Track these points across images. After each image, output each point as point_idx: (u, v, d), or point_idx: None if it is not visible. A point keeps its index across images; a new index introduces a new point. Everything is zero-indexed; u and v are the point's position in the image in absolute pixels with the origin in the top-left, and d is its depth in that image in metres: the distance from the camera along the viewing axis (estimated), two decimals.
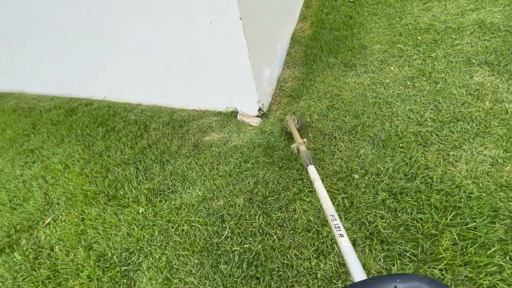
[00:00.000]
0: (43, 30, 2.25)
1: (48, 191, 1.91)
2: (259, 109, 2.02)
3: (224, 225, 1.48)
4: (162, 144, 2.05)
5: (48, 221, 1.72)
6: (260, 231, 1.42)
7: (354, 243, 1.30)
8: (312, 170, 1.20)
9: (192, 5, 1.52)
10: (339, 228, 0.86)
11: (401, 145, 1.67)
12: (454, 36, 2.22)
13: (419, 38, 2.33)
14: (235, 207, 1.55)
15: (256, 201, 1.56)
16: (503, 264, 1.11)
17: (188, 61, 1.94)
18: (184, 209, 1.60)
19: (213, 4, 1.42)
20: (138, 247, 1.48)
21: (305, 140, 1.52)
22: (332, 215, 0.92)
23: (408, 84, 2.01)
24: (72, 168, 2.03)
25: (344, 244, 0.80)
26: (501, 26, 2.12)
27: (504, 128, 1.60)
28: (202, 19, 1.54)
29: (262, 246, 1.36)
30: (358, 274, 0.69)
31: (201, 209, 1.58)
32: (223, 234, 1.44)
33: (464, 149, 1.57)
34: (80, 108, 2.65)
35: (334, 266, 1.24)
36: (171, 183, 1.77)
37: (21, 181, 2.07)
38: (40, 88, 3.03)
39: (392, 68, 2.18)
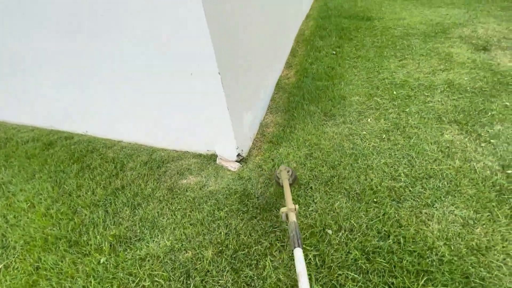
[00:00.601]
0: (26, 60, 2.30)
1: (7, 232, 1.80)
2: (238, 155, 2.04)
3: (188, 282, 1.40)
4: (136, 185, 2.01)
5: None
6: None
7: None
8: (299, 256, 0.95)
9: (174, 58, 1.60)
10: None
11: (375, 199, 1.68)
12: (426, 94, 2.37)
13: (394, 92, 2.48)
14: (203, 261, 1.48)
15: (225, 255, 1.49)
16: None
17: (169, 103, 1.99)
18: (148, 260, 1.52)
19: (194, 60, 1.50)
20: None
21: (296, 207, 1.29)
22: None
23: (383, 137, 2.09)
24: (38, 207, 1.94)
25: None
26: (468, 88, 2.29)
27: (473, 188, 1.64)
28: (183, 70, 1.62)
29: None
30: None
31: (167, 261, 1.50)
32: None
33: (436, 207, 1.59)
34: (59, 142, 2.61)
35: None
36: (139, 230, 1.69)
37: None
38: (21, 118, 3.01)
39: (369, 120, 2.28)
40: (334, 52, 3.29)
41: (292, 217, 1.23)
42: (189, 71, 1.58)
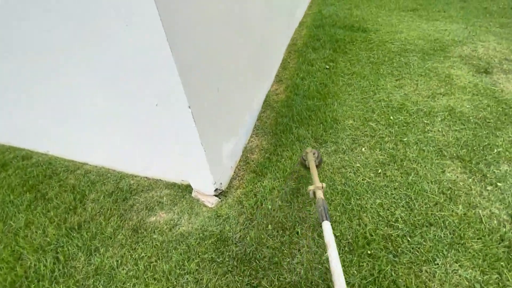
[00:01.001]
0: None
1: None
2: (216, 189, 1.80)
3: None
4: (96, 223, 1.75)
5: None
6: None
7: None
8: (327, 229, 1.02)
9: (134, 83, 1.35)
10: None
11: (369, 252, 1.48)
12: (425, 121, 2.19)
13: (391, 118, 2.29)
14: None
15: None
16: None
17: (136, 131, 1.73)
18: None
19: (158, 89, 1.25)
20: None
21: (323, 185, 1.35)
22: None
23: (379, 171, 1.89)
24: None
25: None
26: (471, 118, 2.12)
27: (479, 242, 1.45)
28: (145, 98, 1.36)
29: None
30: None
31: None
32: None
33: (437, 264, 1.40)
34: (14, 163, 2.31)
35: None
36: (92, 286, 1.43)
37: None
38: None
39: (363, 149, 2.08)
40: (328, 67, 3.09)
41: (320, 194, 1.29)
42: (154, 101, 1.33)
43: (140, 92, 1.36)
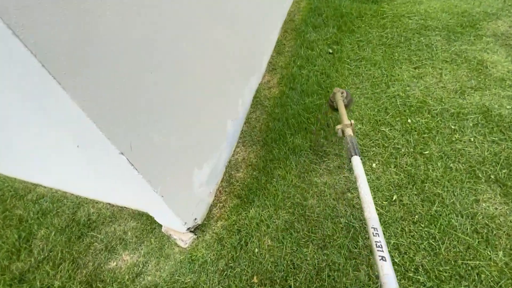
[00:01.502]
0: None
1: None
2: (189, 228, 1.44)
3: None
4: (42, 273, 1.43)
5: None
6: None
7: None
8: (357, 162, 1.06)
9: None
10: (381, 248, 0.69)
11: None
12: (452, 126, 1.76)
13: (409, 121, 1.86)
14: None
15: None
16: None
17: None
18: None
19: (77, 135, 0.84)
20: None
21: (352, 122, 1.32)
22: (374, 228, 0.76)
23: (393, 198, 1.52)
24: None
25: (385, 271, 0.63)
26: None
27: None
28: (65, 137, 0.95)
29: None
30: None
31: None
32: None
33: None
34: None
35: None
36: None
37: None
38: None
39: (374, 165, 1.69)
40: (331, 51, 2.57)
41: (348, 132, 1.28)
42: (75, 142, 0.92)
43: (56, 126, 0.94)
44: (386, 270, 0.64)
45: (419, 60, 2.28)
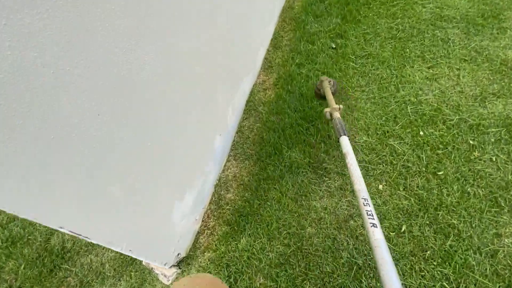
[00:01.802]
0: None
1: None
2: (171, 266, 1.29)
3: None
4: None
5: None
6: None
7: None
8: (345, 142, 1.13)
9: None
10: (372, 216, 0.74)
11: None
12: (471, 141, 1.56)
13: (421, 133, 1.65)
14: None
15: None
16: None
17: None
18: None
19: None
20: None
21: (340, 106, 1.38)
22: (364, 199, 0.81)
23: (402, 229, 1.35)
24: None
25: (376, 236, 0.69)
26: None
27: None
28: None
29: None
30: (394, 285, 0.57)
31: None
32: None
33: None
34: None
35: None
36: None
37: None
38: None
39: (380, 186, 1.50)
40: (334, 46, 2.30)
41: (336, 115, 1.33)
42: None
43: None
44: (377, 235, 0.69)
45: (434, 58, 2.03)
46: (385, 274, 0.59)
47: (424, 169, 1.52)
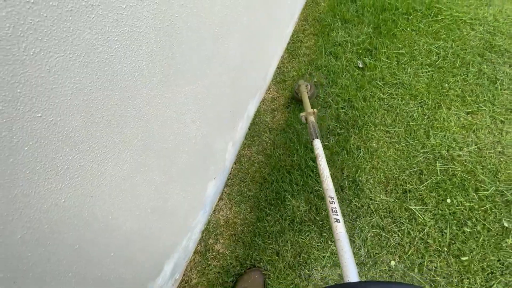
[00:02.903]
0: None
1: None
2: None
3: None
4: None
5: None
6: None
7: None
8: (317, 145, 1.20)
9: None
10: (336, 212, 0.83)
11: None
12: (505, 223, 1.36)
13: (448, 201, 1.44)
14: None
15: None
16: None
17: None
18: None
19: None
20: None
21: (315, 110, 1.44)
22: (331, 197, 0.90)
23: None
24: None
25: (339, 230, 0.78)
26: None
27: None
28: None
29: None
30: (350, 271, 0.66)
31: None
32: None
33: None
34: None
35: None
36: None
37: None
38: None
39: (392, 263, 1.33)
40: (361, 65, 1.97)
41: (311, 118, 1.39)
42: None
43: None
44: (340, 229, 0.78)
45: (476, 101, 1.75)
46: (344, 262, 0.70)
47: (446, 249, 1.33)
